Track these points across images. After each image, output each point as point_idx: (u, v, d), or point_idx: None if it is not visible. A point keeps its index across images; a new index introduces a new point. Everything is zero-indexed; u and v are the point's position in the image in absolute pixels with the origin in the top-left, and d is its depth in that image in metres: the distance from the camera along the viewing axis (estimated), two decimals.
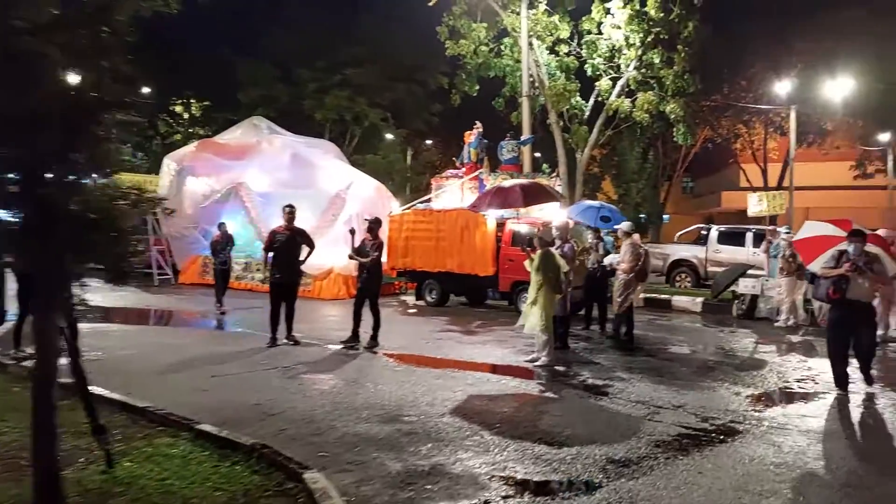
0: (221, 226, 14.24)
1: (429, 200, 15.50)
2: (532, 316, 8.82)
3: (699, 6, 18.97)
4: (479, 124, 15.39)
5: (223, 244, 13.79)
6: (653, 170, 36.16)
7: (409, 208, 16.05)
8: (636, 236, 10.71)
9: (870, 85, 27.75)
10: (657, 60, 19.09)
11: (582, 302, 12.34)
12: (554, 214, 13.99)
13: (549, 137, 21.15)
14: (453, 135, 16.75)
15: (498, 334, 11.28)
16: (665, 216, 42.33)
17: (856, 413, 6.87)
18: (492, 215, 13.84)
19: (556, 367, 8.65)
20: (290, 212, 10.09)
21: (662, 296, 15.94)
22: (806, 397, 7.44)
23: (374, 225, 10.09)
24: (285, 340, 9.80)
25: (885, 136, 32.98)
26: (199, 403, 6.57)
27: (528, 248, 9.31)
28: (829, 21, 30.29)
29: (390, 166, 26.77)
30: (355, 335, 9.95)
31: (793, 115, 24.98)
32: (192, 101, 32.39)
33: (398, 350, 9.76)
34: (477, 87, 21.59)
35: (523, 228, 13.50)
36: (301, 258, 10.01)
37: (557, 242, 9.99)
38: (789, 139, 26.83)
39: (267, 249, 10.05)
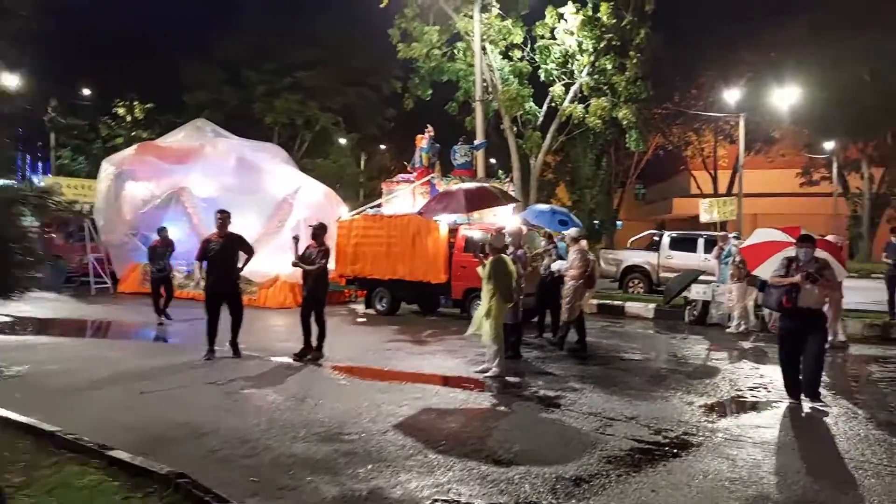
0: (162, 230, 13.62)
1: (379, 206, 15.11)
2: (484, 325, 8.53)
3: (651, 14, 19.07)
4: (430, 128, 15.09)
5: (163, 250, 13.16)
6: (606, 176, 36.43)
7: (358, 214, 15.62)
8: (584, 242, 10.52)
9: (814, 95, 28.45)
10: (609, 66, 19.11)
11: (535, 309, 12.10)
12: (508, 219, 13.78)
13: (503, 143, 20.99)
14: (407, 140, 16.48)
15: (449, 344, 10.96)
16: (618, 222, 42.74)
17: (808, 423, 6.74)
18: (444, 221, 13.54)
19: (508, 378, 8.37)
20: (221, 217, 9.60)
21: (615, 302, 15.84)
22: (759, 407, 7.30)
23: (320, 231, 9.66)
24: (228, 347, 9.33)
25: (829, 145, 33.87)
26: (124, 423, 6.11)
27: (481, 255, 9.02)
28: (775, 33, 31.05)
29: (341, 171, 26.27)
30: (308, 346, 9.53)
31: (742, 122, 25.37)
32: (135, 103, 31.37)
33: (344, 362, 9.36)
34: (430, 92, 21.32)
35: (476, 234, 13.21)
36: (239, 265, 9.54)
37: (510, 248, 9.74)
38: (738, 146, 27.29)
39: (200, 258, 9.56)
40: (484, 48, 19.40)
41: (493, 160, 24.53)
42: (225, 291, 9.42)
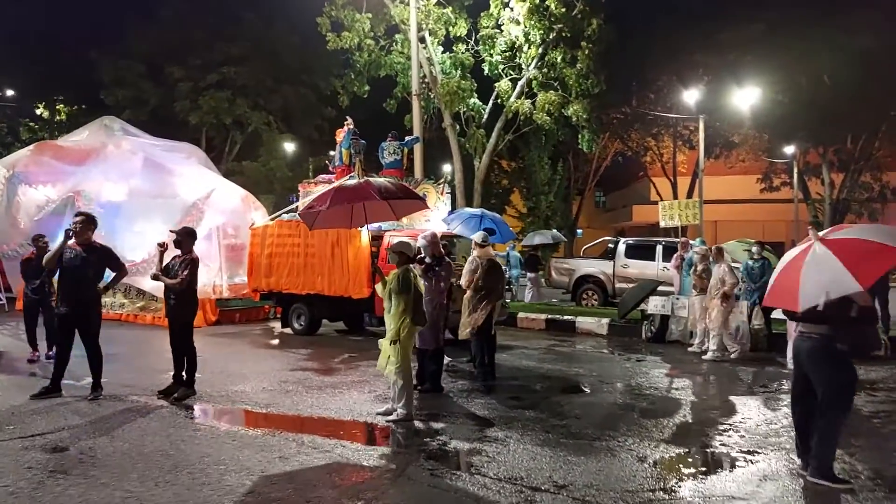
0: (38, 239, 10.40)
1: (295, 210, 13.20)
2: (387, 355, 6.75)
3: (603, 2, 17.62)
4: (349, 120, 13.31)
5: (37, 265, 9.99)
6: (562, 181, 34.98)
7: (273, 219, 13.74)
8: (487, 250, 8.81)
9: (774, 97, 27.44)
10: (560, 59, 17.57)
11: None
12: (439, 225, 12.06)
13: (445, 143, 19.30)
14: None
15: (361, 373, 9.14)
16: (578, 231, 41.39)
17: (795, 491, 5.08)
18: (366, 227, 11.75)
19: (415, 423, 6.59)
20: (78, 222, 7.63)
21: (566, 317, 14.20)
22: (733, 463, 5.62)
23: (184, 237, 7.77)
24: (92, 395, 7.39)
25: (789, 149, 32.94)
26: None
27: (379, 269, 7.25)
28: (732, 35, 30.01)
29: (271, 174, 24.24)
30: (177, 380, 7.67)
31: (701, 125, 24.08)
32: (58, 103, 28.99)
33: (221, 399, 7.52)
34: (367, 88, 19.59)
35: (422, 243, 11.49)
36: (100, 285, 7.59)
37: (427, 260, 8.00)
38: (698, 151, 26.08)
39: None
40: (423, 39, 17.73)
41: (448, 166, 22.62)
42: (73, 314, 7.43)
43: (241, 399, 7.55)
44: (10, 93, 33.35)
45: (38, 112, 31.73)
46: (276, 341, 12.39)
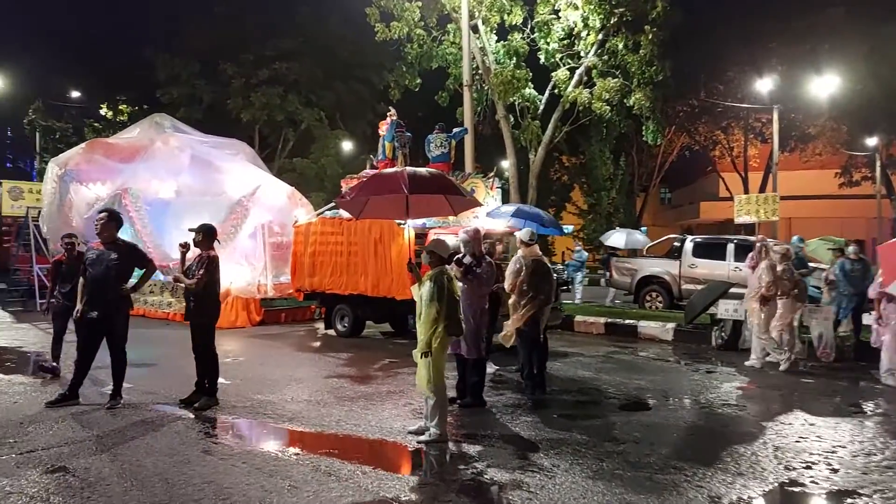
0: (67, 239, 9.14)
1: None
2: (420, 368, 6.02)
3: None
4: (393, 111, 12.61)
5: (68, 267, 8.49)
6: (625, 177, 33.59)
7: (317, 216, 13.18)
8: (534, 249, 7.93)
9: (853, 86, 25.52)
10: (621, 46, 16.49)
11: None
12: (494, 222, 11.24)
13: (499, 137, 18.44)
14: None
15: (399, 382, 8.44)
16: (642, 228, 39.82)
17: None
18: (409, 224, 11.04)
19: (449, 444, 5.84)
20: (100, 220, 7.16)
21: (626, 321, 13.20)
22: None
23: (203, 235, 7.19)
24: (110, 404, 6.91)
25: (871, 141, 30.73)
26: None
27: (415, 268, 6.50)
28: (809, 21, 28.13)
29: (322, 171, 23.83)
30: (201, 388, 7.13)
31: (775, 116, 22.57)
32: (121, 103, 29.39)
33: (242, 411, 6.91)
34: (418, 81, 18.88)
35: (451, 240, 10.72)
36: (125, 285, 7.05)
37: (467, 260, 7.23)
38: (771, 144, 24.46)
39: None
40: (476, 28, 16.93)
41: (506, 162, 21.65)
42: (98, 317, 6.93)
43: (265, 410, 6.93)
44: (75, 94, 34.18)
45: (102, 112, 32.29)
46: (317, 343, 11.83)
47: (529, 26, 17.61)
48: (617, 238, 19.19)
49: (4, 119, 35.68)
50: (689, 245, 16.14)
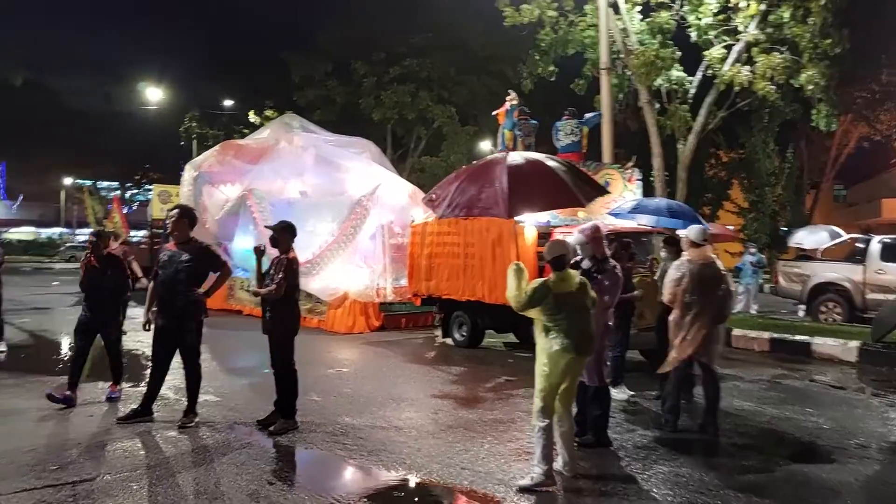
0: (93, 238, 7.35)
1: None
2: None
3: None
4: (512, 95, 11.34)
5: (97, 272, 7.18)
6: (792, 171, 30.04)
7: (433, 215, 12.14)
8: (703, 251, 6.21)
9: None
10: (787, 16, 14.18)
11: (656, 352, 8.03)
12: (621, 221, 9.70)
13: (641, 126, 16.58)
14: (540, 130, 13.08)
15: (511, 407, 7.17)
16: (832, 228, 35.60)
17: None
18: (530, 222, 9.77)
19: (556, 491, 4.54)
20: (172, 217, 6.48)
21: (797, 336, 11.08)
22: None
23: (281, 233, 6.29)
24: (182, 422, 6.20)
25: None
26: None
27: (520, 268, 5.26)
28: None
29: (451, 169, 22.92)
30: (279, 408, 6.27)
31: None
32: (266, 108, 30.26)
33: (324, 437, 5.95)
34: (553, 69, 17.43)
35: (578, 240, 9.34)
36: (198, 290, 6.31)
37: (585, 264, 5.88)
38: None
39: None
40: (617, 8, 15.27)
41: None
42: (167, 326, 6.26)
43: (346, 440, 5.91)
44: (228, 102, 35.82)
45: (250, 119, 33.51)
46: (431, 354, 10.80)
47: (678, 1, 15.66)
48: (813, 236, 16.56)
49: (170, 128, 37.91)
50: (875, 247, 13.55)
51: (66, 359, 9.35)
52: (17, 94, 43.02)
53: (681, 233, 6.86)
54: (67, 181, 54.57)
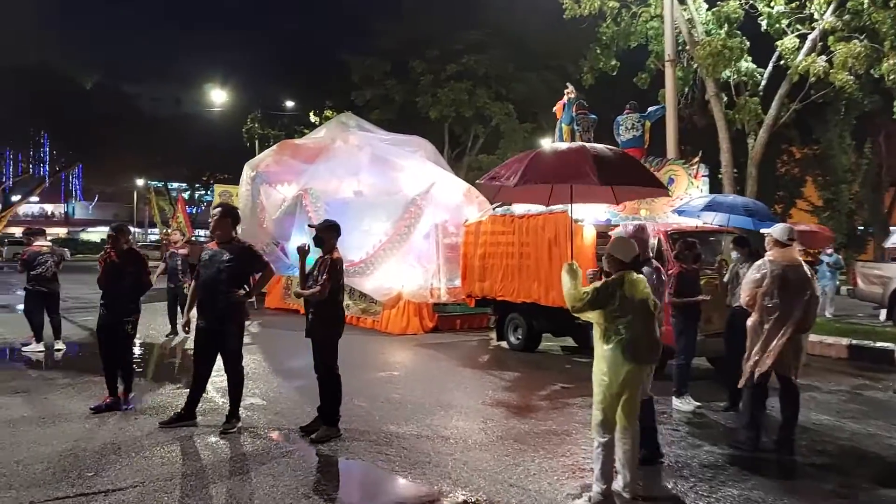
0: (113, 233, 7.09)
1: (510, 203, 11.02)
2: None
3: None
4: (570, 88, 10.89)
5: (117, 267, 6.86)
6: (871, 167, 28.43)
7: (489, 214, 11.79)
8: (789, 251, 5.64)
9: None
10: (866, 2, 13.27)
11: (725, 359, 7.53)
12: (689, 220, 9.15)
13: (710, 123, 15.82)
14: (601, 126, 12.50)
15: (566, 417, 6.78)
16: (894, 228, 33.68)
17: None
18: (589, 220, 9.33)
19: None
20: (214, 216, 6.33)
21: (879, 343, 10.30)
22: None
23: (325, 233, 6.07)
24: (224, 427, 6.03)
25: None
26: None
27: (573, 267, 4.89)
28: None
29: None
30: (324, 414, 6.05)
31: None
32: (326, 109, 30.48)
33: (366, 447, 5.69)
34: (615, 63, 16.87)
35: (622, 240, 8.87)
36: (239, 291, 6.05)
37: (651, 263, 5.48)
38: None
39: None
40: None
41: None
42: (208, 328, 6.12)
43: (390, 450, 5.62)
44: (290, 103, 36.25)
45: (311, 120, 33.83)
46: (485, 358, 10.47)
47: None
48: None
49: (236, 130, 38.59)
50: None
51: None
52: (93, 99, 44.69)
53: (764, 231, 6.33)
54: (140, 182, 56.40)
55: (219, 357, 6.20)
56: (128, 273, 6.69)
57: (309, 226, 6.40)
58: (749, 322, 5.71)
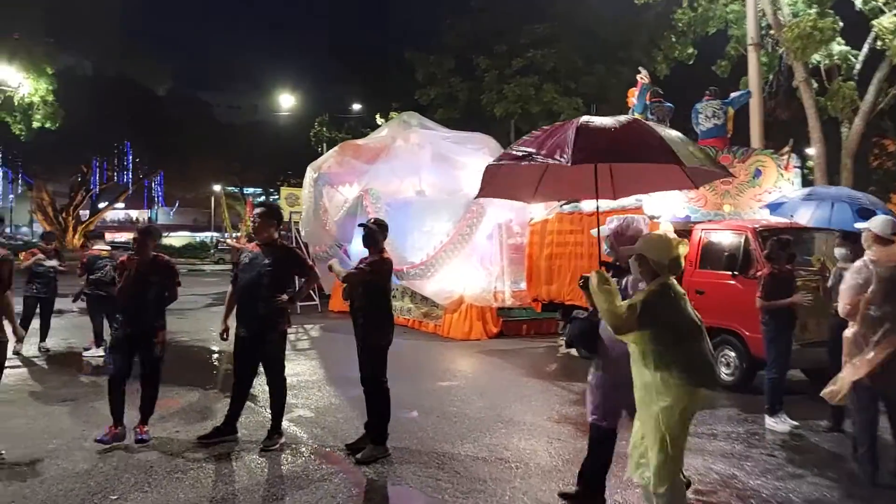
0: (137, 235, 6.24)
1: (578, 200, 10.25)
2: (639, 449, 3.78)
3: None
4: (644, 73, 10.05)
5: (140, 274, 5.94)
6: None
7: (556, 211, 11.06)
8: (893, 249, 4.72)
9: None
10: None
11: (829, 373, 6.60)
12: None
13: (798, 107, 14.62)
14: (680, 115, 11.58)
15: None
16: None
17: None
18: (666, 216, 8.53)
19: None
20: (256, 216, 5.89)
21: None
22: None
23: (372, 232, 5.57)
24: (264, 444, 5.57)
25: None
26: None
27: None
28: None
29: None
30: (371, 432, 5.52)
31: None
32: (392, 110, 30.27)
33: (417, 468, 5.16)
34: (692, 51, 15.85)
35: (726, 238, 8.06)
36: (282, 297, 5.57)
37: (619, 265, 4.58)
38: None
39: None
40: None
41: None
42: (248, 335, 5.68)
43: (441, 473, 5.05)
44: (357, 106, 36.26)
45: (378, 122, 33.68)
46: (552, 366, 9.77)
47: None
48: None
49: (305, 134, 38.83)
50: None
51: (169, 366, 9.05)
52: (172, 107, 45.91)
53: (859, 226, 5.44)
54: (217, 188, 57.83)
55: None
56: (152, 281, 5.77)
57: (359, 224, 5.90)
58: (848, 333, 4.87)
